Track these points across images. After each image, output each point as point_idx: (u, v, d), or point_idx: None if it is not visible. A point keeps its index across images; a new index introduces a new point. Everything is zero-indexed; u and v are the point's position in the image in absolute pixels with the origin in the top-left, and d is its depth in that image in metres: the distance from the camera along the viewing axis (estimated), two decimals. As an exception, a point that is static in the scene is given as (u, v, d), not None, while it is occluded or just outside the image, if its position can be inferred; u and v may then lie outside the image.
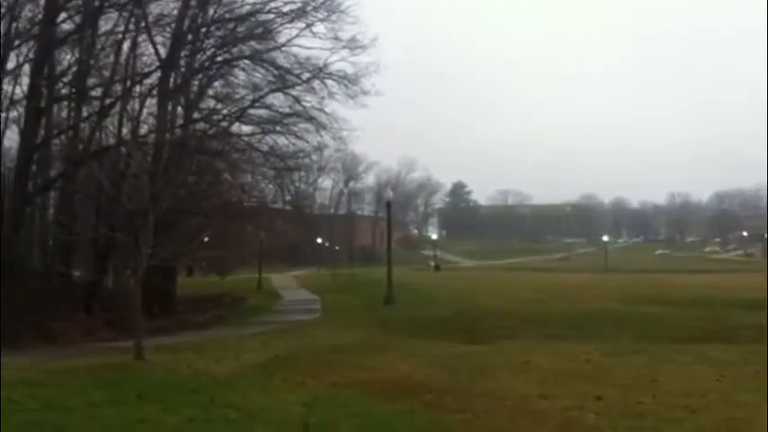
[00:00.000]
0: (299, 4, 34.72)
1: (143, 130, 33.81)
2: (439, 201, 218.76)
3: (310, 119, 37.53)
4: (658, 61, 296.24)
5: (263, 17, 35.78)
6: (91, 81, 32.82)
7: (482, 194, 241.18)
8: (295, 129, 38.30)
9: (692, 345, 19.04)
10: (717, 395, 10.92)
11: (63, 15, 31.30)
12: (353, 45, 35.35)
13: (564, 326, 25.95)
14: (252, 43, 36.82)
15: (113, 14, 32.61)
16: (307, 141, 38.95)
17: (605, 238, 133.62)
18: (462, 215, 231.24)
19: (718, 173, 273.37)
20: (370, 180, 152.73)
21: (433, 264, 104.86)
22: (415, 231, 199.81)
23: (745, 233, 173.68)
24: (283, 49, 36.24)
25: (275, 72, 36.93)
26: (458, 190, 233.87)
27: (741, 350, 17.34)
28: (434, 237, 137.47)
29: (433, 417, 9.51)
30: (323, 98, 36.90)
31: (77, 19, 31.66)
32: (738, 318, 27.62)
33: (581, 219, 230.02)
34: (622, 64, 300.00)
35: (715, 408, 9.92)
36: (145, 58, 34.74)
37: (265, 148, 38.40)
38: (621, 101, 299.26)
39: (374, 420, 9.35)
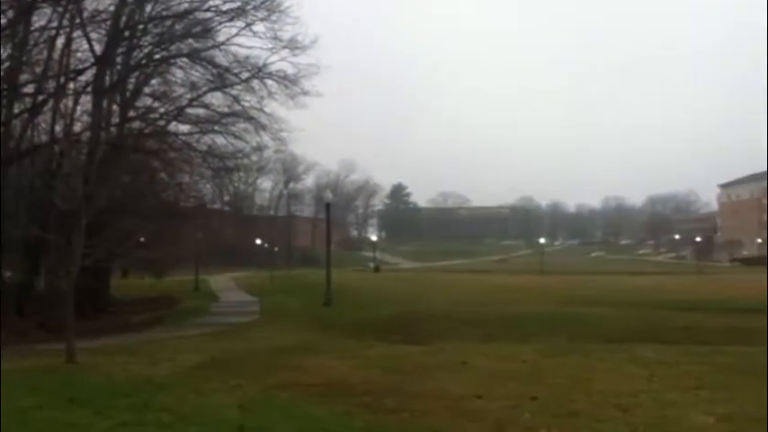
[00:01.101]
0: (239, 3, 34.38)
1: (77, 127, 32.98)
2: (379, 203, 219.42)
3: (250, 119, 37.23)
4: (596, 68, 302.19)
5: (201, 15, 35.32)
6: (23, 77, 31.98)
7: (422, 197, 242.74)
8: (234, 129, 37.97)
9: (625, 345, 19.39)
10: (648, 394, 11.13)
11: (-6, 11, 30.45)
12: (294, 45, 35.18)
13: (501, 327, 26.22)
14: (190, 41, 36.30)
15: (47, 10, 31.84)
16: (246, 141, 38.65)
17: (542, 241, 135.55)
18: (402, 217, 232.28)
19: (652, 178, 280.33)
20: (309, 181, 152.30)
21: (372, 265, 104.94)
22: (355, 233, 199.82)
23: (677, 236, 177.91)
24: (222, 47, 35.85)
25: (214, 71, 36.51)
26: (397, 192, 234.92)
27: (672, 350, 17.73)
28: (374, 238, 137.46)
29: (370, 418, 9.48)
30: (262, 98, 36.66)
31: (9, 14, 30.82)
32: (670, 319, 28.29)
33: (519, 221, 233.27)
34: (562, 67, 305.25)
35: (646, 406, 10.11)
36: (80, 55, 33.93)
37: (203, 147, 37.95)
38: (559, 106, 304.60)
39: (310, 422, 9.29)
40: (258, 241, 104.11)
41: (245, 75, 36.50)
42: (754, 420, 9.14)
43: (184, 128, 38.47)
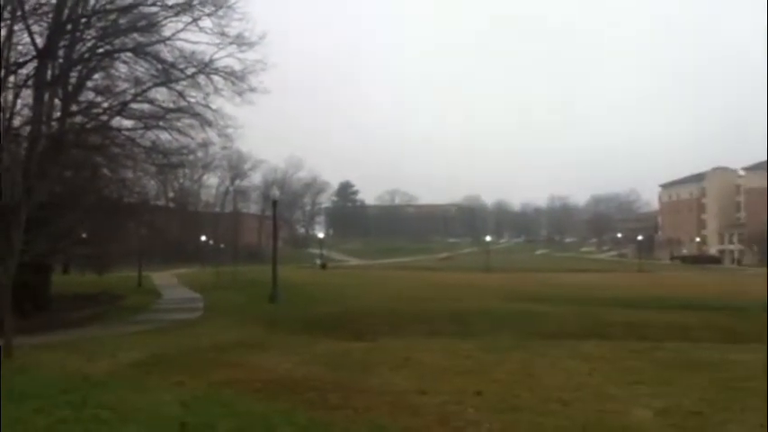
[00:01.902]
0: (186, -2, 33.95)
1: (17, 122, 32.27)
2: (326, 200, 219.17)
3: (195, 115, 36.72)
4: (542, 68, 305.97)
5: (146, 9, 34.72)
6: (-39, 70, 31.13)
7: (369, 194, 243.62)
8: (179, 124, 37.38)
9: (567, 341, 19.67)
10: (589, 389, 11.29)
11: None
12: (241, 41, 34.80)
13: (446, 323, 26.37)
14: (135, 36, 35.68)
15: (-14, 1, 31.03)
16: (191, 137, 38.09)
17: (488, 239, 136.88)
18: (349, 214, 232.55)
19: (596, 177, 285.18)
20: (256, 178, 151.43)
21: (319, 262, 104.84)
22: (302, 230, 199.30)
23: (619, 235, 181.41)
24: (168, 42, 35.29)
25: (159, 66, 35.91)
26: (345, 189, 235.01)
27: (613, 346, 18.03)
28: (321, 235, 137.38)
29: (313, 414, 9.44)
30: (208, 94, 36.16)
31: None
32: (612, 315, 28.77)
33: (465, 219, 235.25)
34: (507, 67, 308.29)
35: (586, 401, 10.25)
36: (21, 48, 33.13)
37: (147, 143, 37.30)
38: (504, 106, 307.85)
39: (253, 419, 9.20)
40: (203, 238, 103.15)
41: (190, 70, 36.04)
42: (691, 414, 9.33)
43: (128, 123, 37.81)
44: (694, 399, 10.28)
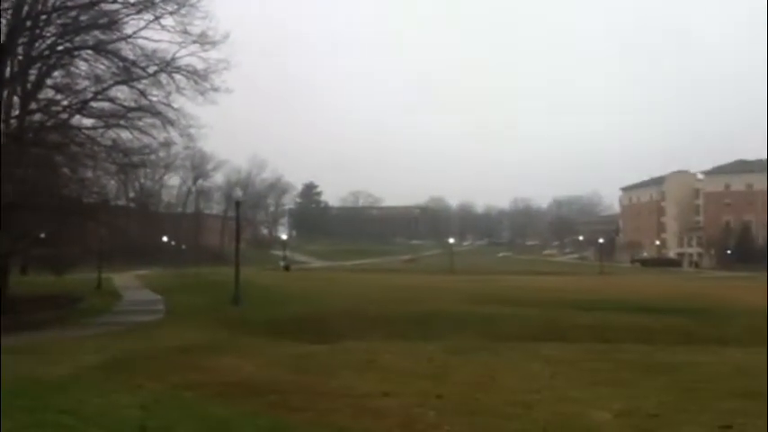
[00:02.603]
0: (148, -5, 33.61)
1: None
2: (289, 201, 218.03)
3: (157, 114, 36.36)
4: (505, 71, 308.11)
5: (108, 7, 34.31)
6: None
7: (333, 196, 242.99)
8: (140, 123, 37.00)
9: (529, 343, 19.84)
10: (550, 391, 11.38)
11: None
12: (204, 40, 34.52)
13: (409, 326, 26.43)
14: (95, 33, 35.23)
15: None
16: (153, 137, 37.70)
17: (451, 241, 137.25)
18: (313, 216, 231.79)
19: (559, 180, 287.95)
20: (219, 179, 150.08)
21: (282, 264, 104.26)
22: (266, 231, 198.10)
23: (580, 237, 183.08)
24: (129, 40, 34.90)
25: (120, 64, 35.50)
26: (309, 191, 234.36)
27: (574, 348, 18.22)
28: (284, 237, 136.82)
29: (275, 417, 9.40)
30: (170, 93, 35.82)
31: None
32: (573, 318, 29.03)
33: (429, 221, 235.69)
34: (471, 70, 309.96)
35: (548, 403, 10.33)
36: (-22, 44, 32.66)
37: (108, 142, 36.86)
38: (469, 107, 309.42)
39: (214, 422, 9.14)
40: (165, 239, 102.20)
41: (152, 69, 35.68)
42: (649, 416, 9.44)
43: (88, 122, 37.36)
44: (653, 400, 10.40)
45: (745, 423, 8.91)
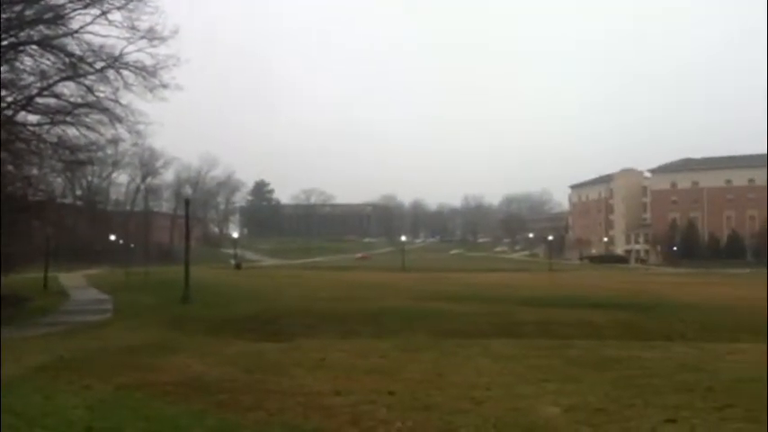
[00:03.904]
0: (95, -10, 33.06)
1: None
2: (241, 199, 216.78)
3: (104, 110, 35.87)
4: (457, 69, 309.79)
5: (54, 1, 33.79)
6: None
7: (285, 193, 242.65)
8: (87, 120, 36.48)
9: (480, 339, 19.95)
10: (499, 387, 11.46)
11: None
12: (152, 36, 34.14)
13: (361, 323, 26.44)
14: (41, 28, 34.58)
15: None
16: (100, 134, 37.24)
17: (403, 238, 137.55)
18: (264, 214, 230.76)
19: (510, 178, 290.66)
20: (169, 176, 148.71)
21: (233, 262, 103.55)
22: (216, 229, 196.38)
23: (531, 235, 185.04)
24: (76, 35, 34.35)
25: (66, 59, 34.91)
26: (260, 188, 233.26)
27: (524, 344, 18.38)
28: (235, 235, 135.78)
29: (224, 416, 9.31)
30: (118, 89, 35.38)
31: None
32: (523, 314, 29.32)
33: (381, 219, 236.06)
34: (423, 69, 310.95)
35: (497, 399, 10.39)
36: None
37: (54, 139, 36.29)
38: (422, 106, 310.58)
39: (163, 422, 9.02)
40: (113, 237, 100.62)
41: (99, 64, 35.17)
42: (597, 411, 9.55)
43: (33, 118, 36.72)
44: (600, 396, 10.54)
45: (690, 417, 9.08)
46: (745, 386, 11.25)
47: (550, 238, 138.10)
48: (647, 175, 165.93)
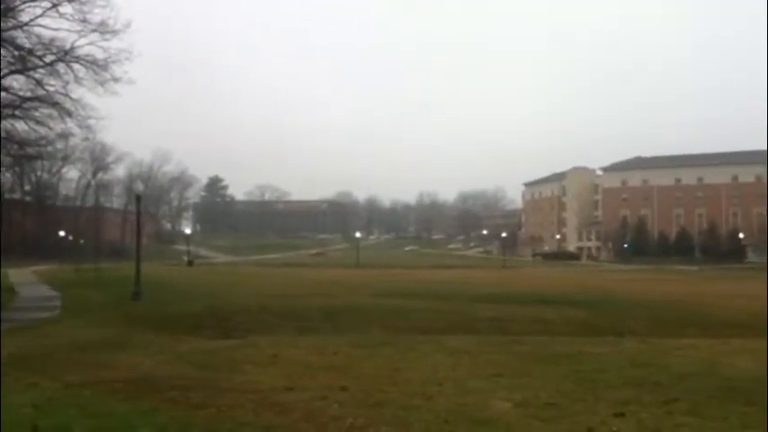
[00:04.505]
0: (44, -18, 32.48)
1: None
2: (194, 195, 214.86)
3: (54, 104, 35.29)
4: (413, 66, 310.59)
5: (2, -7, 33.13)
6: None
7: (239, 189, 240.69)
8: (37, 114, 35.89)
9: (434, 335, 20.07)
10: (452, 382, 11.54)
11: None
12: (104, 29, 33.65)
13: (315, 319, 26.39)
14: (-11, 20, 33.92)
15: None
16: (50, 128, 36.67)
17: (358, 235, 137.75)
18: (218, 210, 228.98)
19: (464, 175, 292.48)
20: (120, 172, 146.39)
21: (186, 259, 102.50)
22: (169, 226, 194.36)
23: (485, 231, 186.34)
24: (25, 28, 33.76)
25: (15, 53, 34.29)
26: (214, 184, 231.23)
27: (478, 340, 18.52)
28: (188, 231, 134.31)
29: (175, 414, 9.21)
30: (68, 83, 34.83)
31: None
32: (476, 310, 29.53)
33: (336, 215, 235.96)
34: (378, 66, 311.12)
35: (449, 394, 10.47)
36: None
37: (2, 133, 35.58)
38: (376, 102, 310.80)
39: (111, 420, 8.90)
40: (62, 233, 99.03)
41: (49, 57, 34.59)
42: (547, 405, 9.67)
43: (-19, 112, 35.95)
44: (551, 390, 10.67)
45: (638, 411, 9.25)
46: (691, 381, 11.50)
47: (504, 234, 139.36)
48: (599, 173, 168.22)
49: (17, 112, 35.61)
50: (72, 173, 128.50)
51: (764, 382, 11.08)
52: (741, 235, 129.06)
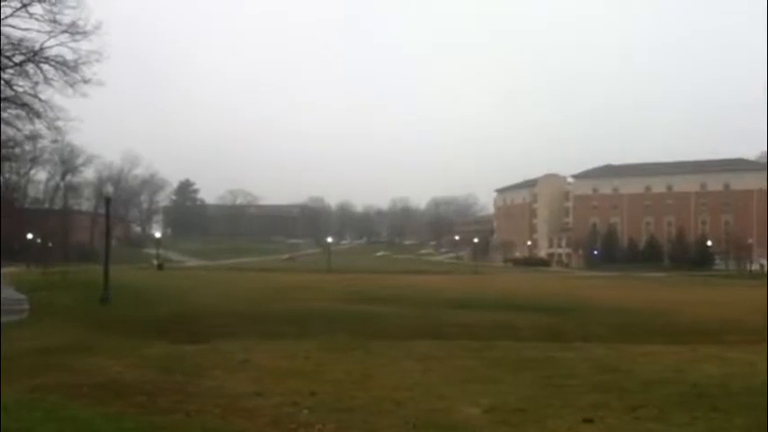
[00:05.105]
0: (14, -18, 32.09)
1: None
2: (164, 198, 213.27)
3: (23, 105, 34.88)
4: (385, 76, 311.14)
5: (-30, -8, 32.69)
6: None
7: (210, 193, 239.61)
8: (5, 115, 35.41)
9: (404, 341, 20.02)
10: (422, 388, 11.57)
11: None
12: (74, 30, 33.30)
13: (286, 324, 26.22)
14: (-44, 19, 33.46)
15: None
16: (18, 129, 36.25)
17: (330, 240, 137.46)
18: (189, 214, 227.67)
19: (436, 181, 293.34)
20: (89, 174, 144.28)
21: (156, 262, 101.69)
22: (139, 229, 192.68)
23: (456, 237, 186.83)
24: (-7, 28, 33.33)
25: (-17, 53, 33.85)
26: (185, 188, 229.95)
27: (448, 346, 18.54)
28: (158, 235, 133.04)
29: (142, 419, 9.15)
30: (37, 84, 34.42)
31: None
32: (447, 316, 29.57)
33: (308, 220, 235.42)
34: (348, 71, 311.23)
35: (419, 400, 10.49)
36: None
37: (-31, 134, 35.16)
38: (348, 107, 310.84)
39: (78, 424, 8.82)
40: (30, 236, 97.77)
41: (18, 58, 34.16)
42: (516, 411, 9.73)
43: (-52, 112, 35.45)
44: (520, 396, 10.73)
45: (605, 416, 9.32)
46: (658, 387, 11.62)
47: (476, 240, 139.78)
48: (570, 180, 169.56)
49: (-16, 113, 35.16)
50: (41, 175, 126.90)
51: (729, 388, 11.24)
52: (709, 243, 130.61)
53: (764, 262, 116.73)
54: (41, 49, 33.90)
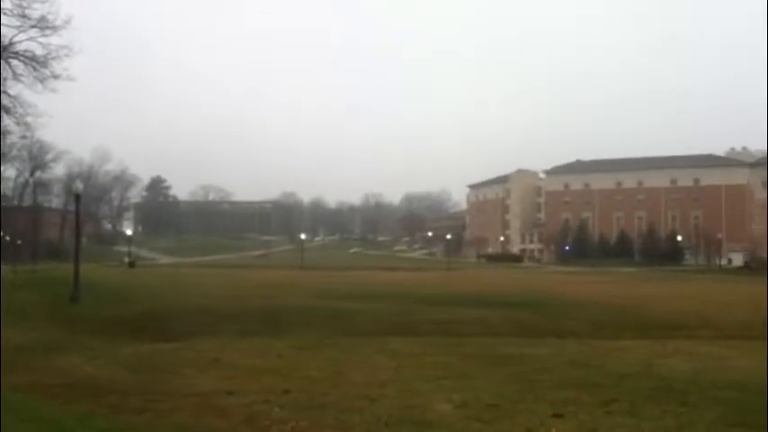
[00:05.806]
0: (-19, -25, 31.62)
1: None
2: (136, 195, 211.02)
3: (-10, 101, 34.37)
4: (361, 73, 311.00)
5: (-63, -14, 32.16)
6: None
7: (182, 190, 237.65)
8: (-28, 111, 34.87)
9: (377, 338, 20.05)
10: (395, 384, 11.59)
11: None
12: (44, 25, 32.85)
13: (259, 322, 26.15)
14: None
15: None
16: (-14, 125, 35.62)
17: (303, 236, 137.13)
18: (161, 210, 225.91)
19: (409, 177, 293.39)
20: (59, 170, 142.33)
21: (127, 260, 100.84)
22: (110, 226, 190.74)
23: (430, 233, 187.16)
24: (-40, 23, 32.83)
25: (-50, 48, 33.33)
26: (156, 184, 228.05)
27: (421, 342, 18.58)
28: (129, 232, 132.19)
29: (114, 419, 9.10)
30: (6, 79, 33.95)
31: None
32: (421, 312, 29.60)
33: (281, 217, 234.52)
34: (323, 68, 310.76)
35: (392, 396, 10.51)
36: None
37: (-66, 131, 34.60)
38: (321, 103, 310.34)
39: (48, 425, 8.74)
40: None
41: (-14, 53, 33.67)
42: (488, 406, 9.78)
43: None
44: (492, 391, 10.78)
45: (576, 411, 9.40)
46: (628, 381, 11.73)
47: (449, 236, 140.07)
48: (542, 176, 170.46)
49: (-49, 109, 34.63)
50: (9, 171, 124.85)
51: (699, 383, 11.38)
52: (679, 238, 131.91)
53: (732, 257, 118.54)
54: (10, 43, 33.47)
